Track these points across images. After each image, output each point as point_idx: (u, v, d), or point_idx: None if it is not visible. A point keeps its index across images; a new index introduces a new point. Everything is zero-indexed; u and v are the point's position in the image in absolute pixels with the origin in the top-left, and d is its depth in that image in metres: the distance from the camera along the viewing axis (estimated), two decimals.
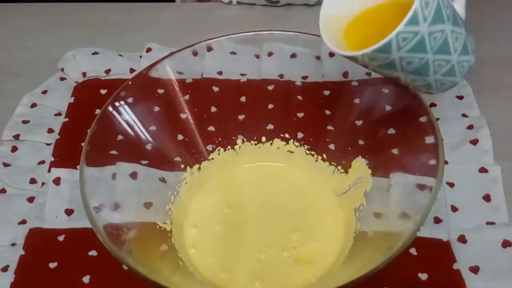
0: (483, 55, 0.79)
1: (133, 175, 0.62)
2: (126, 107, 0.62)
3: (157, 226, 0.60)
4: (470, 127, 0.69)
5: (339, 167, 0.65)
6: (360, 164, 0.63)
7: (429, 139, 0.55)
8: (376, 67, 0.55)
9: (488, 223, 0.61)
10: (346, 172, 0.65)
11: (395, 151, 0.61)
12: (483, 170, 0.65)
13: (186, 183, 0.65)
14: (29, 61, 0.84)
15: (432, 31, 0.52)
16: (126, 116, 0.62)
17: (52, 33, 0.88)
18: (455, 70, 0.57)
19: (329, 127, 0.67)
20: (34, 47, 0.86)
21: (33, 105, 0.76)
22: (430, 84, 0.58)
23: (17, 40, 0.87)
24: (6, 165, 0.70)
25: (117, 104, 0.61)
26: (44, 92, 0.78)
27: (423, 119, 0.57)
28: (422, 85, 0.58)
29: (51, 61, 0.82)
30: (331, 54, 0.70)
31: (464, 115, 0.71)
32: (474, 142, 0.67)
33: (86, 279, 0.59)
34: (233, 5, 0.93)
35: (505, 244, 0.59)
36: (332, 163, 0.66)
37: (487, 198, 0.63)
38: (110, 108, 0.60)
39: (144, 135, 0.63)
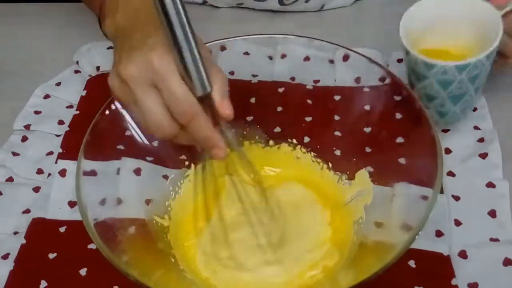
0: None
1: (137, 171, 0.62)
2: None
3: (154, 221, 0.60)
4: (481, 140, 0.68)
5: (344, 177, 0.64)
6: (363, 176, 0.62)
7: (433, 149, 0.54)
8: (464, 78, 0.62)
9: (491, 239, 0.60)
10: (350, 182, 0.64)
11: (402, 160, 0.60)
12: (490, 184, 0.63)
13: (190, 180, 0.65)
14: (29, 61, 0.83)
15: (486, 65, 0.63)
16: None
17: (52, 33, 0.87)
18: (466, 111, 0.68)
19: (337, 133, 0.66)
20: (34, 47, 0.86)
21: (46, 96, 0.77)
22: (450, 112, 0.66)
23: (17, 40, 0.87)
24: (15, 154, 0.71)
25: None
26: (58, 84, 0.79)
27: (427, 128, 0.56)
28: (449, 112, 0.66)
29: (51, 61, 0.82)
30: (345, 59, 0.69)
31: (476, 127, 0.70)
32: (484, 155, 0.66)
33: (83, 271, 0.60)
34: (240, 7, 0.91)
35: (506, 262, 0.58)
36: (337, 172, 0.65)
37: (492, 213, 0.62)
38: (113, 106, 0.61)
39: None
